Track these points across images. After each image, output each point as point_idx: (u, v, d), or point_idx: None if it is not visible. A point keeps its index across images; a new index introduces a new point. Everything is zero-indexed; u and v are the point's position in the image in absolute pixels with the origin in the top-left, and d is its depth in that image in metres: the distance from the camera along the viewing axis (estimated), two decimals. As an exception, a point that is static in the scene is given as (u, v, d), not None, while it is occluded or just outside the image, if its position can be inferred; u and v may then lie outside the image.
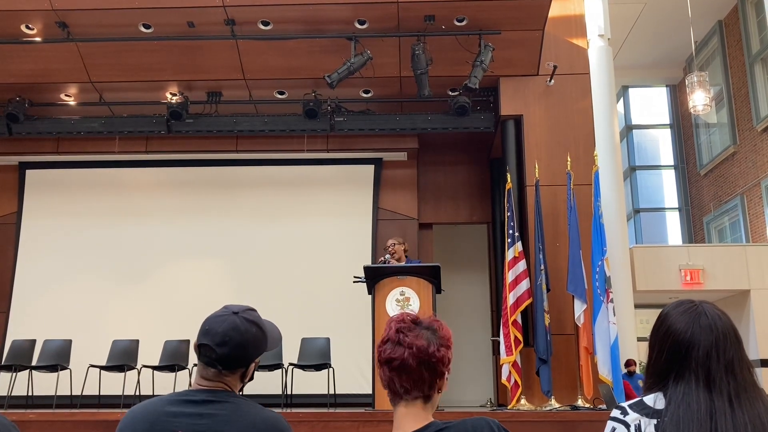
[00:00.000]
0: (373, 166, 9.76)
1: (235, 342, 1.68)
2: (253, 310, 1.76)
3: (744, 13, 12.29)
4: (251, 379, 1.80)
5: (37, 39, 8.11)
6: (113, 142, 9.38)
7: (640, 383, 8.35)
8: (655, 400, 1.57)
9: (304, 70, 8.41)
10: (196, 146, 9.46)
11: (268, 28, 8.01)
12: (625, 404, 1.61)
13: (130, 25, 7.95)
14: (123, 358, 7.81)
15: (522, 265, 7.57)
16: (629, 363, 8.20)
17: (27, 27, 7.99)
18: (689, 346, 1.56)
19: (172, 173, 9.80)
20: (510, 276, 7.53)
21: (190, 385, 7.75)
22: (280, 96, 9.05)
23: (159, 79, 8.66)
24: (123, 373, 7.64)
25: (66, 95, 9.04)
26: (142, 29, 8.01)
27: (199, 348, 1.70)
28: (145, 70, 8.49)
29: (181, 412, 1.64)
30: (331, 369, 7.34)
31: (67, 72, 8.54)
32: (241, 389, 1.78)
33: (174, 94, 8.84)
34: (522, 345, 7.32)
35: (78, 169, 9.78)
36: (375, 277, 6.46)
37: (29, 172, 9.86)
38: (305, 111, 8.61)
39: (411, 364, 1.54)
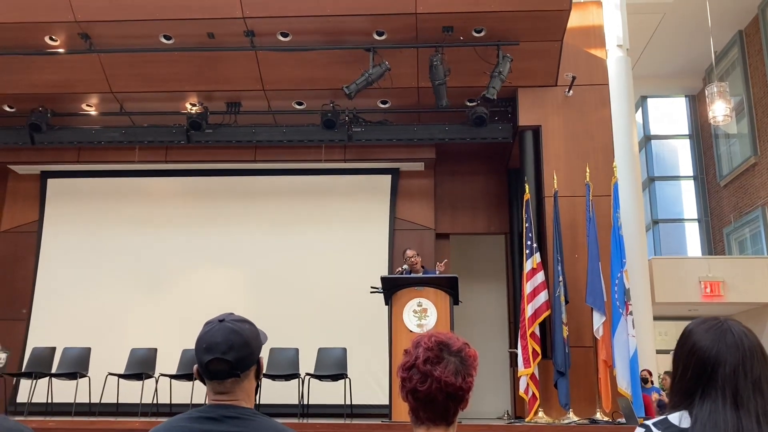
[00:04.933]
0: (390, 176, 9.77)
1: (239, 342, 1.68)
2: (231, 314, 1.76)
3: (765, 23, 12.19)
4: (262, 373, 1.79)
5: (60, 50, 8.23)
6: (133, 151, 9.47)
7: (654, 396, 8.22)
8: (680, 418, 1.55)
9: (323, 80, 8.45)
10: (215, 156, 9.53)
11: (287, 39, 8.07)
12: (649, 422, 1.59)
13: (151, 37, 8.04)
14: (141, 367, 7.85)
15: (540, 277, 7.52)
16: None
17: (50, 38, 8.11)
18: (715, 364, 1.54)
19: (191, 183, 9.88)
20: (528, 287, 7.48)
21: (206, 394, 7.75)
22: (298, 106, 9.10)
23: (179, 90, 8.74)
24: (141, 382, 7.69)
25: (87, 105, 9.16)
26: (163, 40, 8.10)
27: (208, 366, 1.68)
28: (165, 80, 8.58)
29: (205, 429, 1.63)
30: (347, 379, 7.33)
31: (88, 82, 8.66)
32: (258, 388, 1.77)
33: (194, 105, 8.92)
34: (540, 357, 7.26)
35: (98, 179, 9.89)
36: (392, 288, 6.46)
37: (51, 181, 9.99)
38: (323, 121, 8.65)
39: (438, 398, 1.54)
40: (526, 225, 7.74)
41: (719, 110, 9.98)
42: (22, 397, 8.29)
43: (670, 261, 11.37)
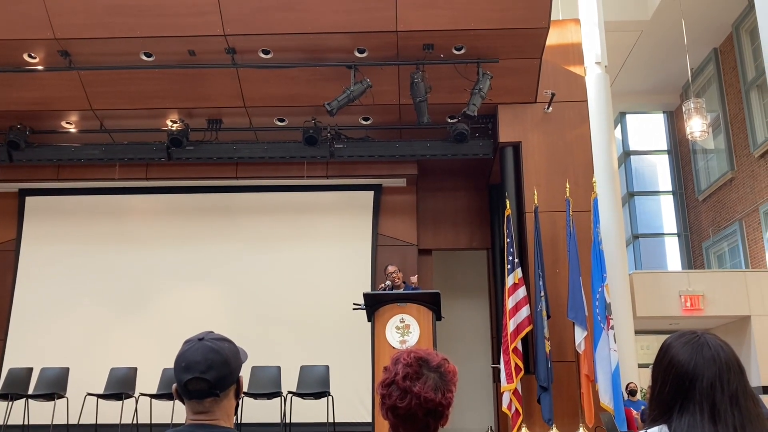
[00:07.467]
0: (372, 192, 9.77)
1: (218, 361, 1.66)
2: (211, 332, 1.75)
3: (739, 41, 12.42)
4: (241, 392, 1.78)
5: (39, 67, 8.17)
6: (113, 169, 9.40)
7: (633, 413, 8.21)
8: (659, 433, 1.56)
9: (304, 97, 8.47)
10: (196, 173, 9.48)
11: (269, 56, 8.09)
12: (629, 437, 1.60)
13: (131, 54, 8.02)
14: (121, 387, 7.74)
15: (522, 292, 7.55)
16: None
17: (29, 56, 8.06)
18: (693, 378, 1.55)
19: (172, 200, 9.81)
20: (510, 302, 7.51)
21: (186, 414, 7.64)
22: (280, 123, 9.10)
23: (160, 107, 8.71)
24: (120, 402, 7.58)
25: (67, 123, 9.09)
26: (144, 57, 8.08)
27: (186, 385, 1.67)
28: (146, 97, 8.55)
29: None
30: (330, 397, 7.28)
31: (68, 100, 8.60)
32: (236, 407, 1.76)
33: (174, 122, 8.89)
34: (523, 372, 7.27)
35: (78, 196, 9.79)
36: (375, 304, 6.44)
37: (29, 199, 9.87)
38: (305, 138, 8.65)
39: (418, 414, 1.53)
40: (508, 240, 7.78)
41: (696, 126, 10.12)
42: (-2, 420, 8.13)
43: (651, 275, 11.45)
